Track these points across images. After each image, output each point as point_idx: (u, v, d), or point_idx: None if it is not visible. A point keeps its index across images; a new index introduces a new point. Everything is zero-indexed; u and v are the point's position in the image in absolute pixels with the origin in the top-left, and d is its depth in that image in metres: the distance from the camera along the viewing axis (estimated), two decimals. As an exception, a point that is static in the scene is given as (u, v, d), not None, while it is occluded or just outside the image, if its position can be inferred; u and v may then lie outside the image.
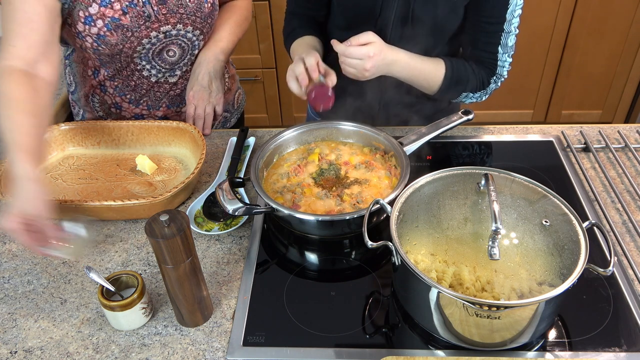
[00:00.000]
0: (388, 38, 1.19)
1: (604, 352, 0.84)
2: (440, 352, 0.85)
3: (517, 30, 1.16)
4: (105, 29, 1.16)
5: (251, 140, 1.30)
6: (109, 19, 1.15)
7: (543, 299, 0.75)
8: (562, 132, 1.31)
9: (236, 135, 1.30)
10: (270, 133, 1.35)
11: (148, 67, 1.28)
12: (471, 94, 1.25)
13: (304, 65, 1.12)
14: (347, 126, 1.21)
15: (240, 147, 1.26)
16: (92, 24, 1.15)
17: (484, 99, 1.27)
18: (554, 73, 2.62)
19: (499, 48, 1.17)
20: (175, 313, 0.90)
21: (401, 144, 1.14)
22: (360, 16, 1.21)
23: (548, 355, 0.84)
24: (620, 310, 0.90)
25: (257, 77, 2.62)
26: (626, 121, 2.77)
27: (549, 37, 2.50)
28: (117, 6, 1.14)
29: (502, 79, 1.23)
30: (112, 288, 0.88)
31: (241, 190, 1.15)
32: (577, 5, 2.41)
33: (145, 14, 1.17)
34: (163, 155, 1.28)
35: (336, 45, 1.11)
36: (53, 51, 1.09)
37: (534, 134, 1.32)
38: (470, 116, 1.22)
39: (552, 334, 0.87)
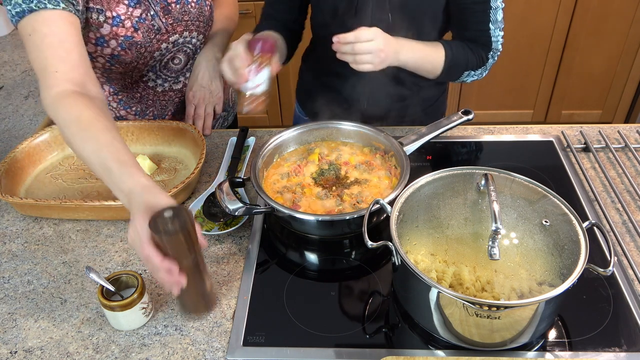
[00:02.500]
0: None
1: (604, 352, 0.84)
2: (440, 352, 0.85)
3: (503, 4, 1.17)
4: (119, 48, 1.14)
5: (251, 140, 1.30)
6: (122, 38, 1.13)
7: (543, 299, 0.75)
8: (562, 132, 1.31)
9: (236, 135, 1.30)
10: (270, 133, 1.35)
11: (154, 77, 1.28)
12: (472, 72, 1.25)
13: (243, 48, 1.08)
14: (347, 126, 1.21)
15: (240, 147, 1.26)
16: (105, 44, 1.13)
17: (484, 75, 1.27)
18: (554, 73, 2.62)
19: (490, 25, 1.19)
20: (177, 303, 0.90)
21: (401, 144, 1.14)
22: (338, 13, 1.20)
23: (548, 355, 0.84)
24: (620, 310, 0.90)
25: (257, 77, 2.62)
26: (626, 121, 2.77)
27: (549, 37, 2.50)
28: (127, 24, 1.13)
29: (499, 53, 1.24)
30: (112, 288, 0.88)
31: (241, 190, 1.15)
32: (577, 5, 2.41)
33: (155, 27, 1.16)
34: (163, 155, 1.28)
35: (344, 38, 1.06)
36: (91, 68, 1.02)
37: (534, 134, 1.32)
38: (470, 116, 1.22)
39: (552, 334, 0.87)
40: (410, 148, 1.14)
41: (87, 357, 0.86)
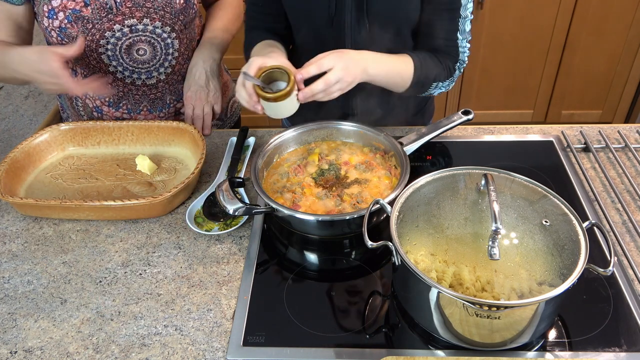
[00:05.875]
0: (351, 41, 1.19)
1: (604, 352, 0.84)
2: (440, 352, 0.85)
3: (472, 16, 1.17)
4: (66, 21, 1.16)
5: (251, 140, 1.30)
6: (69, 11, 1.16)
7: (543, 299, 0.75)
8: (562, 132, 1.31)
9: (236, 135, 1.30)
10: (270, 133, 1.35)
11: (120, 68, 1.28)
12: (440, 84, 1.22)
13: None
14: (347, 126, 1.21)
15: (240, 147, 1.26)
16: (55, 17, 1.16)
17: (450, 87, 1.26)
18: (554, 73, 2.62)
19: (458, 34, 1.18)
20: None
21: (401, 144, 1.14)
22: (315, 25, 1.19)
23: (548, 355, 0.84)
24: (620, 310, 0.90)
25: (257, 77, 2.62)
26: (626, 121, 2.77)
27: (549, 37, 2.50)
28: None
29: (464, 65, 1.22)
30: (264, 85, 1.01)
31: (241, 190, 1.15)
32: (577, 5, 2.41)
33: (108, 6, 1.18)
34: (163, 155, 1.28)
35: (316, 88, 1.04)
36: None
37: (534, 134, 1.32)
38: (470, 116, 1.22)
39: (552, 334, 0.87)
40: (410, 148, 1.14)
41: (87, 357, 0.86)
